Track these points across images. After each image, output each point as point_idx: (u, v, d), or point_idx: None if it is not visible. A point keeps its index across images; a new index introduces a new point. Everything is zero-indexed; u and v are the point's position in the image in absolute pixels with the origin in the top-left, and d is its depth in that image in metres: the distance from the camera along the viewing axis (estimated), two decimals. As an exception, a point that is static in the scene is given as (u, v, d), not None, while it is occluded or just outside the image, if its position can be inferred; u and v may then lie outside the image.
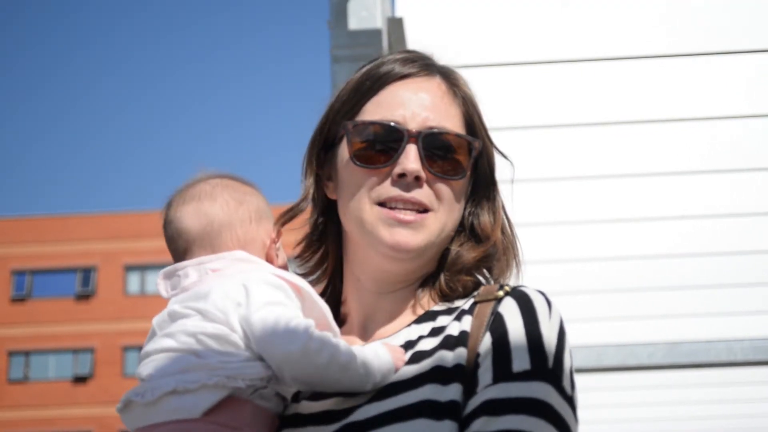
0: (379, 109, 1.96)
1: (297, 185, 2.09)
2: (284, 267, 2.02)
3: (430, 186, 1.92)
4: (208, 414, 1.78)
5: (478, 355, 1.80)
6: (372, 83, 1.98)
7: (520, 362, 1.77)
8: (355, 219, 1.94)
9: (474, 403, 1.76)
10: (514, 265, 2.01)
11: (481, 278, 1.99)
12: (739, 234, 6.64)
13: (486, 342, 1.81)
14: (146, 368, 1.87)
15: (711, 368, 7.60)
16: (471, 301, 1.91)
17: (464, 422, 1.76)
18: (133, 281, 47.74)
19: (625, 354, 7.17)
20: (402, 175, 1.91)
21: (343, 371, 1.78)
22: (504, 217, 2.02)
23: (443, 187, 1.93)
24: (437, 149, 1.93)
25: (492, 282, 1.99)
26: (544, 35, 4.95)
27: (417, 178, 1.91)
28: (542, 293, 1.88)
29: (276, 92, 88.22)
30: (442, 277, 1.96)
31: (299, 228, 2.06)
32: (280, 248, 2.03)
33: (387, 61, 2.02)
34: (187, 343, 1.85)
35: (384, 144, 1.93)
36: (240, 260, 1.95)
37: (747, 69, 5.13)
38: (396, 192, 1.91)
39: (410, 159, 1.91)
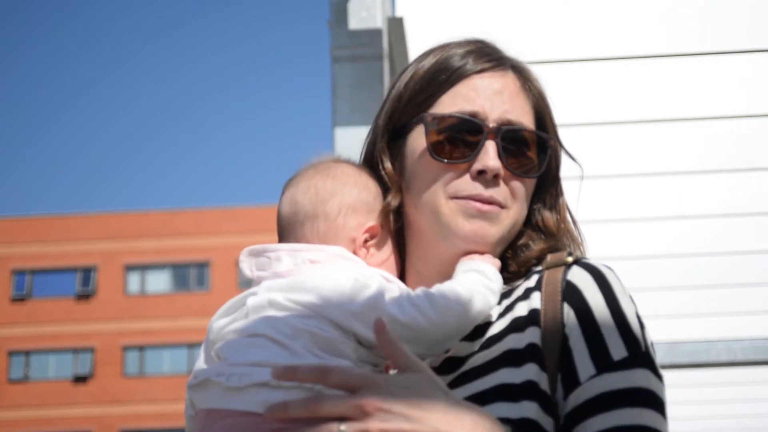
0: (456, 100, 1.92)
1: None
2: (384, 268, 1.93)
3: (506, 182, 1.91)
4: None
5: (564, 334, 1.79)
6: (447, 75, 1.94)
7: (618, 349, 1.77)
8: (430, 211, 1.91)
9: (582, 395, 1.75)
10: (581, 242, 2.01)
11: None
12: (739, 234, 6.64)
13: (570, 317, 1.79)
14: (233, 349, 1.78)
15: (711, 368, 7.60)
16: (535, 276, 1.89)
17: (574, 414, 1.75)
18: (133, 281, 47.74)
19: (625, 354, 7.15)
20: (481, 172, 1.89)
21: (472, 304, 1.79)
22: (568, 213, 2.01)
23: (517, 184, 1.92)
24: (514, 145, 1.91)
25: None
26: (544, 35, 4.95)
27: (495, 176, 1.89)
28: (609, 267, 1.88)
29: (276, 92, 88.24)
30: (504, 273, 1.93)
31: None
32: (378, 245, 1.93)
33: (458, 53, 1.97)
34: (288, 336, 1.75)
35: (463, 138, 1.90)
36: (340, 257, 1.87)
37: (745, 69, 5.13)
38: (475, 190, 1.89)
39: (490, 156, 1.89)
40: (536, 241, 1.96)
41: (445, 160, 1.90)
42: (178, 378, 45.51)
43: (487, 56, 1.97)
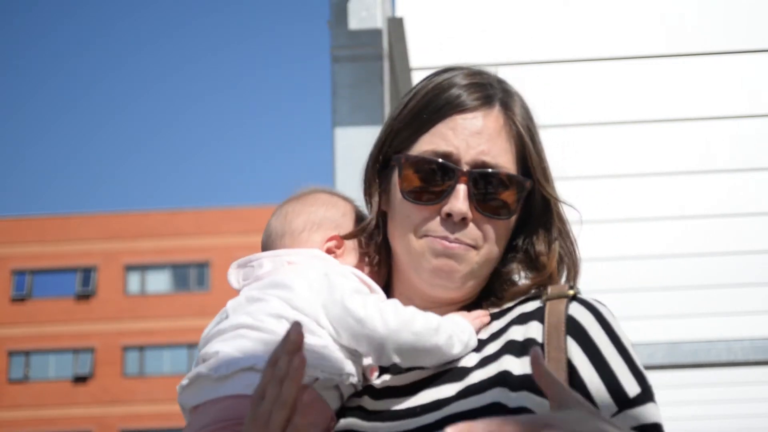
0: (434, 139, 1.96)
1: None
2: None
3: (477, 224, 1.95)
4: None
5: (571, 363, 1.85)
6: (429, 115, 1.98)
7: (630, 386, 1.85)
8: (404, 246, 1.98)
9: None
10: (578, 274, 2.04)
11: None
12: (739, 234, 6.64)
13: (577, 353, 1.85)
14: (218, 344, 1.87)
15: (711, 368, 7.60)
16: (533, 304, 1.95)
17: None
18: (133, 281, 47.74)
19: (625, 354, 7.15)
20: (449, 215, 1.94)
21: (436, 334, 1.84)
22: (562, 246, 2.01)
23: (488, 227, 1.95)
24: (487, 187, 1.95)
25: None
26: (544, 35, 4.95)
27: (464, 219, 1.93)
28: (604, 304, 1.95)
29: (276, 92, 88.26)
30: (492, 299, 2.00)
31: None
32: (344, 255, 2.04)
33: (451, 84, 1.99)
34: (266, 322, 1.86)
35: (434, 180, 1.95)
36: (316, 257, 2.00)
37: (746, 69, 5.13)
38: (442, 232, 1.93)
39: (459, 199, 1.93)
40: (523, 275, 2.01)
41: (417, 203, 1.96)
42: (178, 378, 45.48)
43: (474, 93, 1.99)
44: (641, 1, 4.94)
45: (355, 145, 3.65)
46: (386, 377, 1.96)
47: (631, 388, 1.84)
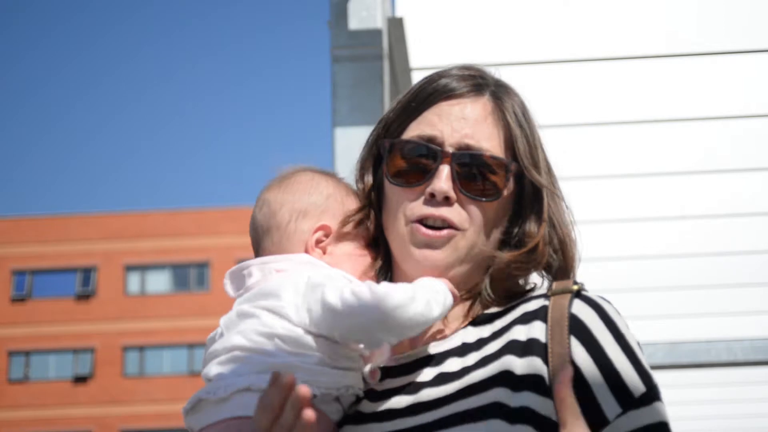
0: (420, 126, 1.99)
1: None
2: (348, 260, 2.02)
3: (462, 206, 1.95)
4: None
5: (575, 364, 1.83)
6: (418, 104, 2.00)
7: (635, 385, 1.84)
8: (393, 235, 1.99)
9: None
10: (574, 271, 2.01)
11: (530, 282, 2.01)
12: (739, 234, 6.65)
13: (581, 353, 1.84)
14: (215, 367, 1.89)
15: (711, 368, 7.61)
16: (536, 302, 1.93)
17: None
18: (133, 281, 47.74)
19: (625, 354, 7.15)
20: (433, 195, 1.94)
21: (413, 302, 1.82)
22: (553, 226, 1.99)
23: (474, 208, 1.95)
24: (472, 170, 1.95)
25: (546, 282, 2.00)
26: (545, 35, 4.95)
27: (447, 198, 1.93)
28: (609, 301, 1.93)
29: (276, 92, 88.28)
30: (485, 284, 1.98)
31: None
32: (335, 242, 2.02)
33: (441, 75, 2.02)
34: (259, 342, 1.86)
35: (419, 162, 1.96)
36: (306, 263, 1.97)
37: (747, 69, 5.13)
38: (427, 210, 1.94)
39: (441, 179, 1.93)
40: (520, 266, 1.97)
41: (403, 185, 1.97)
42: (178, 378, 45.52)
43: (464, 81, 2.01)
44: (641, 1, 4.94)
45: (355, 145, 3.63)
46: (386, 379, 1.95)
47: (636, 387, 1.83)
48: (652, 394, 1.85)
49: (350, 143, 3.66)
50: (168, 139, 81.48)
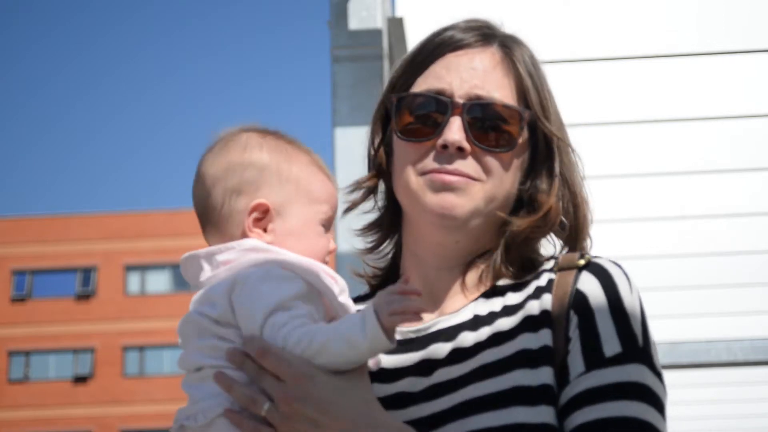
0: (428, 79, 1.91)
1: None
2: (288, 239, 1.88)
3: (477, 158, 1.86)
4: None
5: (567, 338, 1.77)
6: (424, 57, 1.94)
7: (611, 346, 1.75)
8: (404, 190, 1.89)
9: (569, 393, 1.75)
10: (586, 230, 1.96)
11: (544, 253, 1.94)
12: (739, 234, 6.64)
13: (573, 323, 1.78)
14: (189, 390, 1.84)
15: (711, 368, 7.61)
16: (546, 276, 1.86)
17: (562, 413, 1.74)
18: (133, 281, 47.73)
19: (625, 354, 7.15)
20: (445, 147, 1.86)
21: (324, 349, 1.72)
22: (565, 182, 1.93)
23: (490, 160, 1.87)
24: (484, 120, 1.87)
25: (563, 252, 1.93)
26: (545, 35, 4.93)
27: (460, 149, 1.85)
28: (618, 265, 1.86)
29: (276, 92, 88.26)
30: (499, 251, 1.89)
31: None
32: (276, 219, 1.88)
33: (447, 28, 1.97)
34: (219, 360, 1.80)
35: (429, 116, 1.88)
36: (250, 250, 1.84)
37: (747, 69, 5.13)
38: (439, 164, 1.85)
39: (453, 130, 1.85)
40: (521, 217, 1.89)
41: (412, 140, 1.89)
42: (178, 378, 45.42)
43: (470, 32, 1.97)
44: (641, 1, 4.93)
45: (354, 145, 3.64)
46: (396, 354, 1.86)
47: (611, 347, 1.75)
48: (629, 355, 1.75)
49: (350, 143, 3.65)
50: (168, 139, 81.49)
